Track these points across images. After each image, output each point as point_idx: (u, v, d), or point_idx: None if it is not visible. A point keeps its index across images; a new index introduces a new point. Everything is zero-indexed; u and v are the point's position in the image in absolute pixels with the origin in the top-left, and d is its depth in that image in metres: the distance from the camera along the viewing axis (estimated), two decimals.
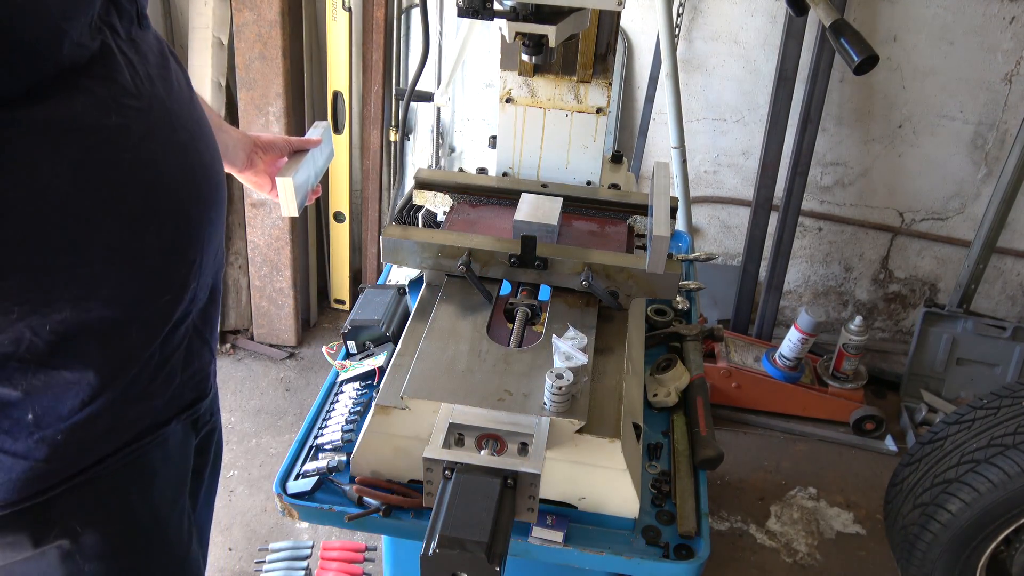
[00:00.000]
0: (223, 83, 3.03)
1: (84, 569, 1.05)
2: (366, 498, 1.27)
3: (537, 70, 1.67)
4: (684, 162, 2.91)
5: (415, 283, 1.77)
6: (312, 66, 3.18)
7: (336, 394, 1.51)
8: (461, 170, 1.91)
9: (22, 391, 0.92)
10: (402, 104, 3.13)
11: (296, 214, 1.42)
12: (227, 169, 1.40)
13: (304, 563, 2.43)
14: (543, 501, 1.23)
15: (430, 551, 0.97)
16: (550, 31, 1.29)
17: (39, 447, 0.95)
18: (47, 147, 0.83)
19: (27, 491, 0.96)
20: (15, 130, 0.80)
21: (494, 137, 1.78)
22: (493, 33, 2.81)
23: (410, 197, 1.75)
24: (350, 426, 1.41)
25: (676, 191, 2.94)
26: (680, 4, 2.92)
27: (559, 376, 1.15)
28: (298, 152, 1.46)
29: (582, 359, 1.18)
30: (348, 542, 2.49)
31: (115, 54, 0.90)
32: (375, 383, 1.49)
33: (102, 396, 0.97)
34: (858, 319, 2.94)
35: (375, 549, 2.48)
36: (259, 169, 1.43)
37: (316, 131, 1.53)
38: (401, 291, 1.65)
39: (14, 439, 0.94)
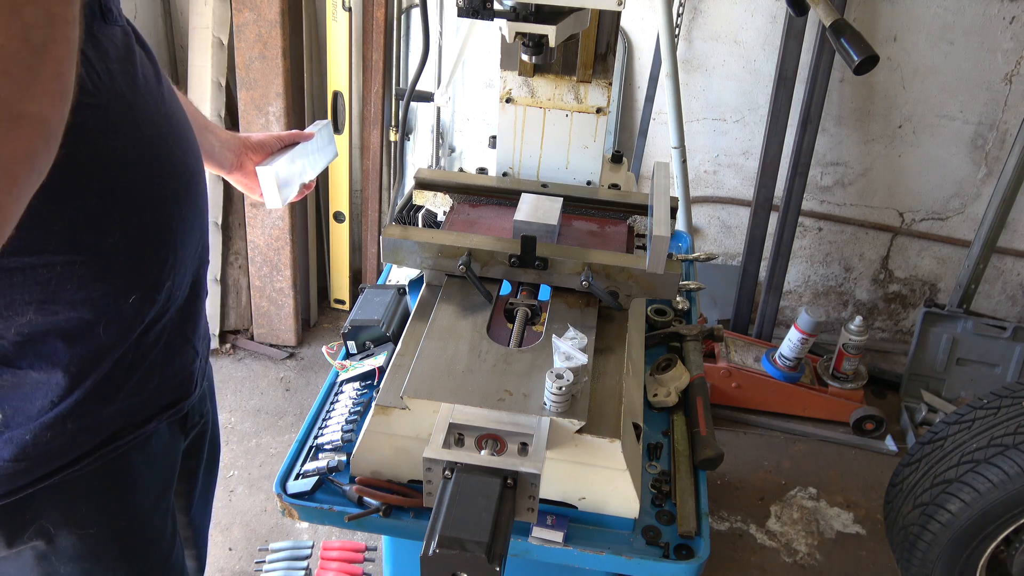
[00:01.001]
0: (223, 83, 3.03)
1: (60, 570, 1.04)
2: (366, 498, 1.27)
3: (537, 70, 1.67)
4: (684, 162, 2.91)
5: (415, 283, 1.77)
6: (312, 66, 3.18)
7: (336, 394, 1.50)
8: (461, 170, 1.91)
9: None
10: (402, 104, 3.12)
11: (279, 206, 1.38)
12: (215, 171, 1.38)
13: (304, 563, 2.43)
14: (543, 501, 1.23)
15: (430, 551, 0.97)
16: (550, 31, 1.29)
17: (7, 447, 0.94)
18: None
19: None
20: None
21: (494, 137, 1.77)
22: (493, 33, 2.81)
23: (410, 197, 1.75)
24: (350, 426, 1.41)
25: (676, 191, 2.94)
26: (680, 4, 2.91)
27: (559, 376, 1.14)
28: (287, 146, 1.44)
29: (582, 359, 1.18)
30: (348, 542, 2.49)
31: None
32: (375, 383, 1.49)
33: (72, 396, 0.96)
34: (858, 319, 2.94)
35: (375, 549, 2.48)
36: (248, 171, 1.40)
37: (314, 128, 1.52)
38: (401, 291, 1.65)
39: None
